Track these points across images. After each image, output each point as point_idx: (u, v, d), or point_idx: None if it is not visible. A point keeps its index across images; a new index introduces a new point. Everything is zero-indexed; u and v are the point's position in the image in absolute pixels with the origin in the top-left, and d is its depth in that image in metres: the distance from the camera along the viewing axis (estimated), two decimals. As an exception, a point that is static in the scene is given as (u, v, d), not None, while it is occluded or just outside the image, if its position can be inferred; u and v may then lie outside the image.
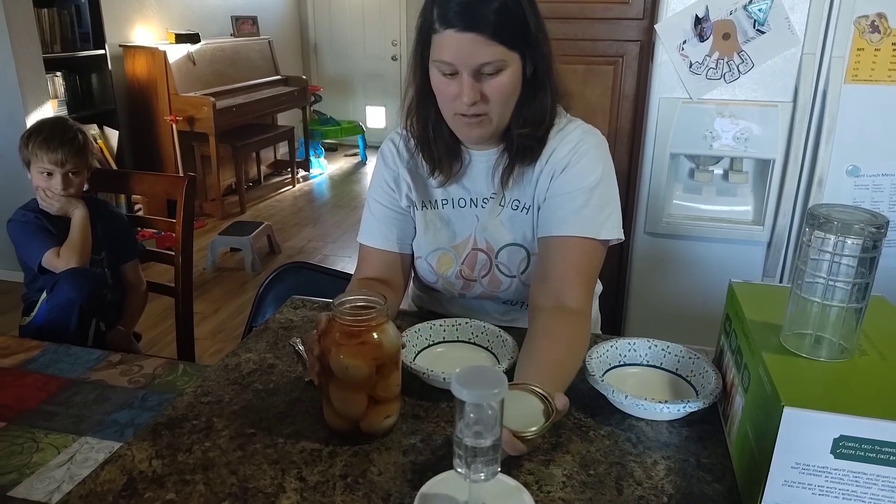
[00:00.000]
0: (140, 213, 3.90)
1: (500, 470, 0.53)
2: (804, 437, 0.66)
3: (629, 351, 1.01)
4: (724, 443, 0.86)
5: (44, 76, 3.39)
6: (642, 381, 0.98)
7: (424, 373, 0.92)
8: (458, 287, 1.18)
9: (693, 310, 2.06)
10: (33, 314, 1.73)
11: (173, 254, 1.85)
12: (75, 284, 1.62)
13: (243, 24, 5.40)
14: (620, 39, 2.13)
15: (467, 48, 0.95)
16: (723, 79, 1.90)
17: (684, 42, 1.89)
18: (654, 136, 1.98)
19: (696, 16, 1.86)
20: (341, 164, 6.31)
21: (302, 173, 5.68)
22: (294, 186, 5.42)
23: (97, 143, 3.75)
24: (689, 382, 0.97)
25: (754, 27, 1.85)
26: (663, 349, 1.01)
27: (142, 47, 4.30)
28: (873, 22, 1.78)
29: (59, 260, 1.67)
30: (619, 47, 2.14)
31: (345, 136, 6.26)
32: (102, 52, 3.93)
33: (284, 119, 5.67)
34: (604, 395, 0.91)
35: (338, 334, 0.79)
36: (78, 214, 1.73)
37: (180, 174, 3.14)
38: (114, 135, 3.96)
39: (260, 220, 4.21)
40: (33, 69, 3.30)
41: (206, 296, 3.36)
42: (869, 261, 0.73)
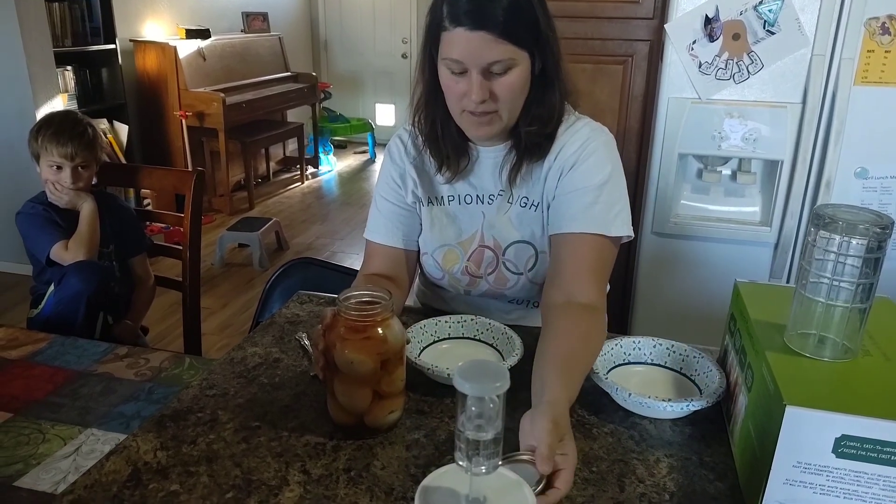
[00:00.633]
0: (149, 208, 3.93)
1: (500, 463, 0.54)
2: (806, 436, 0.66)
3: (634, 349, 1.02)
4: (727, 442, 0.86)
5: (54, 70, 3.42)
6: (646, 380, 0.98)
7: (429, 368, 0.92)
8: (463, 283, 1.18)
9: (699, 310, 2.06)
10: (41, 306, 1.75)
11: (181, 248, 1.86)
12: (83, 277, 1.64)
13: (254, 20, 5.42)
14: (630, 39, 2.12)
15: (476, 46, 0.95)
16: (732, 79, 1.89)
17: (694, 42, 1.88)
18: (662, 136, 1.97)
19: (706, 16, 1.85)
20: (350, 161, 6.32)
21: (311, 170, 5.70)
22: (303, 183, 5.44)
23: (107, 137, 3.78)
24: (693, 381, 0.97)
25: (764, 28, 1.84)
26: (668, 348, 1.01)
27: (152, 42, 4.33)
28: (884, 24, 1.77)
29: (67, 253, 1.69)
30: (628, 47, 2.13)
31: (354, 133, 6.27)
32: (113, 46, 3.95)
33: (294, 116, 5.69)
34: (607, 392, 0.92)
35: (343, 329, 0.80)
36: (86, 208, 1.74)
37: (189, 169, 3.16)
38: (123, 129, 3.99)
39: (268, 216, 4.22)
40: (44, 63, 3.32)
41: (214, 291, 3.38)
42: (874, 261, 0.73)
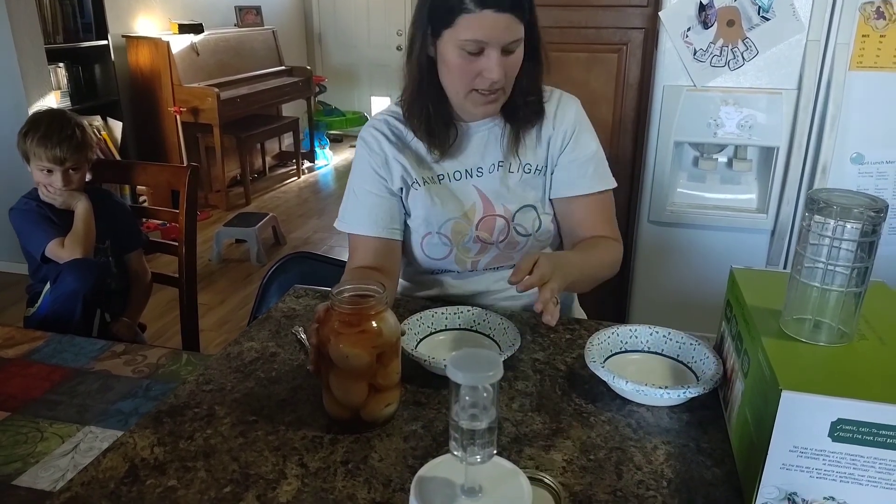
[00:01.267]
0: (145, 205, 3.91)
1: (496, 452, 0.54)
2: (802, 420, 0.66)
3: (630, 338, 1.02)
4: (724, 428, 0.86)
5: (46, 67, 3.40)
6: (643, 368, 0.98)
7: (426, 360, 0.92)
8: (473, 253, 1.21)
9: (697, 297, 2.06)
10: (37, 305, 1.74)
11: (177, 244, 1.85)
12: (79, 275, 1.63)
13: (247, 15, 5.39)
14: (624, 27, 2.11)
15: (503, 27, 1.01)
16: (727, 66, 1.88)
17: (688, 29, 1.87)
18: (658, 124, 1.97)
19: (701, 3, 1.84)
20: (346, 154, 6.30)
21: (307, 164, 5.68)
22: (299, 177, 5.42)
23: (101, 134, 3.76)
24: (689, 369, 0.97)
25: (759, 14, 1.83)
26: (664, 336, 1.01)
27: (145, 38, 4.30)
28: (879, 8, 1.76)
29: (63, 250, 1.68)
30: (622, 35, 2.12)
31: (350, 126, 6.25)
32: (105, 42, 3.93)
33: (289, 110, 5.67)
34: (605, 381, 0.92)
35: (337, 323, 0.80)
36: (81, 207, 1.74)
37: (184, 165, 3.15)
38: (117, 126, 3.97)
39: (265, 211, 4.21)
40: (35, 60, 3.30)
41: (212, 287, 3.37)
42: (868, 245, 0.73)
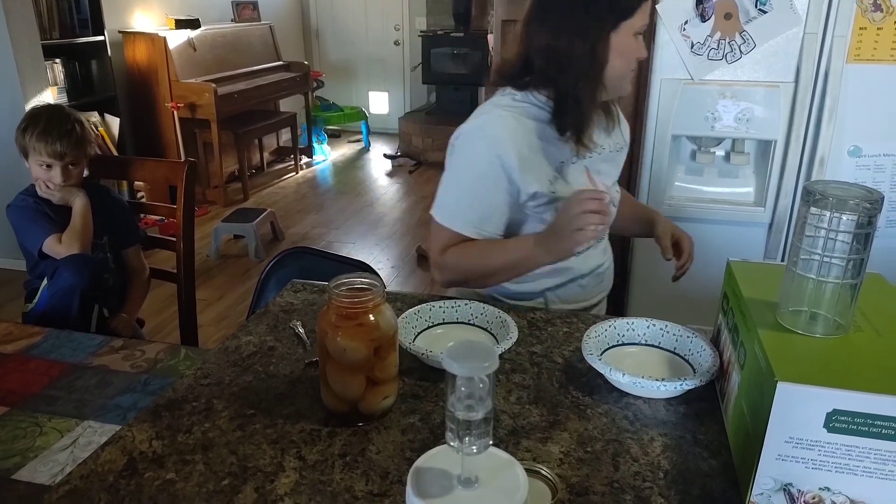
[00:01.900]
0: (143, 201, 3.91)
1: (491, 443, 0.54)
2: (797, 411, 0.66)
3: (627, 330, 1.02)
4: (720, 420, 0.86)
5: (43, 63, 3.39)
6: (640, 361, 0.98)
7: (423, 353, 0.92)
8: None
9: (695, 291, 2.06)
10: (35, 301, 1.74)
11: (175, 240, 1.85)
12: (75, 270, 1.63)
13: (244, 10, 5.37)
14: (621, 20, 2.11)
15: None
16: (724, 59, 1.88)
17: (686, 22, 1.87)
18: (655, 117, 1.97)
19: (698, -5, 1.84)
20: (344, 150, 6.30)
21: (305, 160, 5.67)
22: (297, 173, 5.42)
23: (98, 130, 3.76)
24: (687, 361, 0.97)
25: (756, 7, 1.83)
26: (661, 328, 1.01)
27: (141, 33, 4.29)
28: (876, 1, 1.76)
29: (60, 246, 1.68)
30: (619, 28, 2.12)
31: (347, 122, 6.24)
32: (102, 38, 3.92)
33: (287, 105, 5.66)
34: (602, 373, 0.92)
35: (335, 317, 0.80)
36: (78, 203, 1.73)
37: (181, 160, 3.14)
38: (115, 122, 3.96)
39: (263, 206, 4.21)
40: (32, 56, 3.29)
41: (210, 283, 3.37)
42: (864, 236, 0.73)
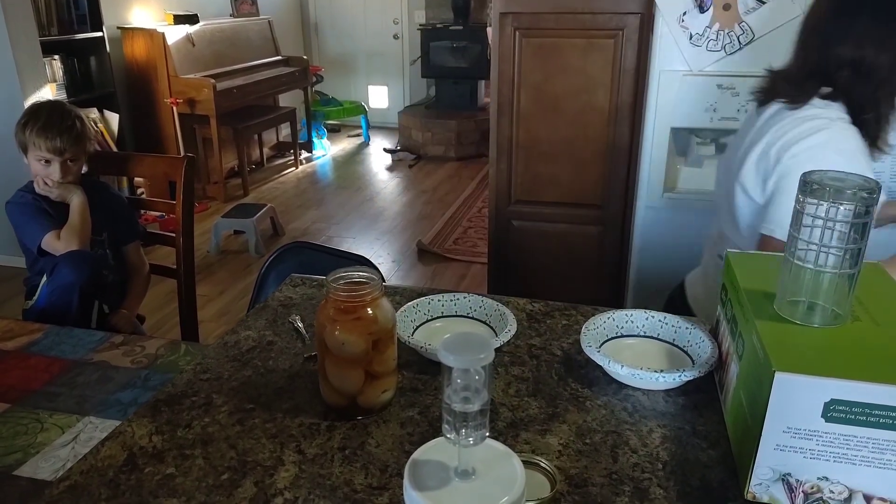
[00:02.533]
0: (143, 196, 3.91)
1: (488, 435, 0.54)
2: (795, 401, 0.66)
3: (626, 322, 1.02)
4: (719, 411, 0.86)
5: (41, 59, 3.39)
6: (639, 352, 0.98)
7: (422, 346, 0.92)
8: None
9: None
10: (35, 298, 1.75)
11: (175, 235, 1.85)
12: (74, 266, 1.63)
13: (242, 5, 5.36)
14: (620, 12, 2.10)
15: None
16: (723, 50, 1.88)
17: (684, 14, 1.86)
18: (655, 109, 1.96)
19: (696, -14, 1.83)
20: (344, 144, 6.30)
21: (305, 155, 5.67)
22: (297, 168, 5.42)
23: (97, 126, 3.75)
24: (685, 352, 0.97)
25: (755, -3, 1.82)
26: (660, 320, 1.01)
27: (140, 29, 4.28)
28: (877, -11, 1.75)
29: (59, 242, 1.68)
30: (619, 20, 2.11)
31: (347, 116, 6.24)
32: (100, 34, 3.91)
33: (286, 100, 5.66)
34: (601, 365, 0.92)
35: (333, 310, 0.80)
36: (76, 201, 1.74)
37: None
38: (114, 118, 3.96)
39: (263, 202, 4.21)
40: (30, 52, 3.29)
41: (211, 278, 3.38)
42: (861, 226, 0.73)
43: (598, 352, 0.91)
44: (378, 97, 6.90)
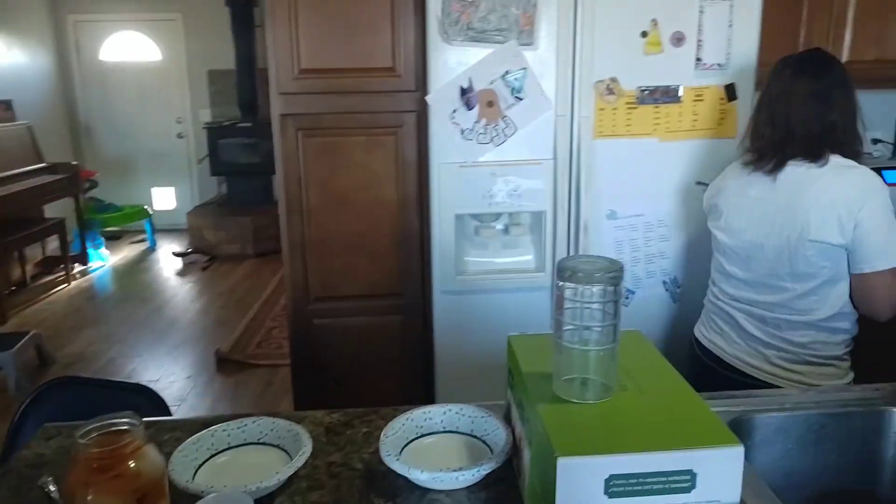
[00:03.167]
0: None
1: None
2: (579, 482, 0.68)
3: (425, 420, 1.00)
4: (520, 499, 0.87)
5: None
6: (441, 450, 0.97)
7: (202, 492, 0.82)
8: None
9: (497, 363, 2.13)
10: None
11: None
12: None
13: (-8, 110, 4.82)
14: (398, 111, 2.21)
15: None
16: (492, 142, 2.04)
17: (454, 111, 2.01)
18: (438, 199, 2.06)
19: (462, 87, 1.99)
20: (126, 252, 5.79)
21: (79, 268, 5.10)
22: (69, 284, 4.84)
23: None
24: (484, 442, 0.97)
25: (513, 95, 2.02)
26: (457, 412, 1.01)
27: None
28: (608, 85, 2.04)
29: None
30: (397, 118, 2.22)
31: (128, 222, 5.78)
32: None
33: (54, 210, 5.09)
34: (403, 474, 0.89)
35: (85, 472, 0.68)
36: None
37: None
38: None
39: (26, 328, 3.66)
40: None
41: (-40, 427, 2.81)
42: (613, 304, 0.80)
43: (398, 459, 0.88)
44: (164, 199, 6.51)
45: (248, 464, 0.94)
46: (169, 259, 5.54)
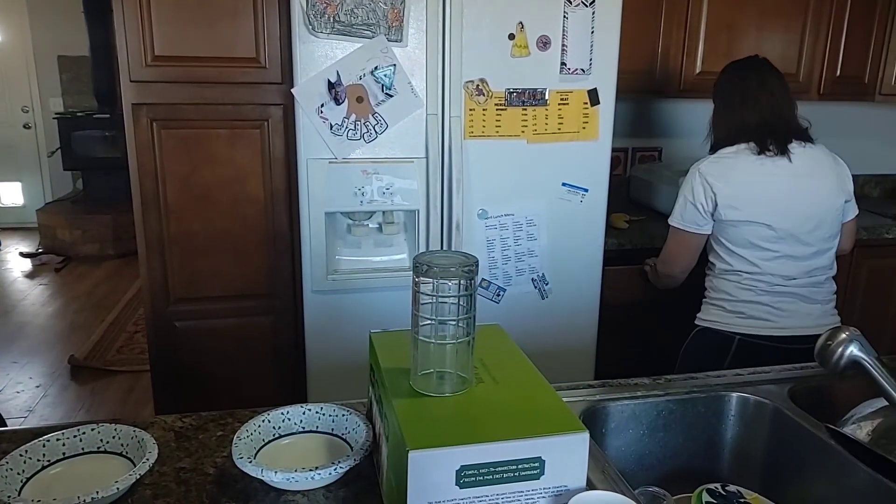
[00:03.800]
0: None
1: None
2: (430, 475, 0.68)
3: (283, 421, 0.97)
4: (380, 496, 0.86)
5: None
6: (300, 451, 0.94)
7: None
8: None
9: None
10: None
11: None
12: None
13: None
14: (263, 103, 2.13)
15: None
16: (363, 139, 2.02)
17: (322, 105, 1.97)
18: (307, 196, 2.01)
19: (329, 80, 1.95)
20: (-35, 255, 5.19)
21: None
22: None
23: None
24: (345, 441, 0.96)
25: (383, 91, 2.01)
26: (317, 412, 0.99)
27: None
28: (478, 86, 2.08)
29: None
30: (262, 111, 2.14)
31: (-33, 221, 5.19)
32: None
33: None
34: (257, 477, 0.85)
35: None
36: None
37: None
38: None
39: None
40: None
41: None
42: (469, 297, 0.81)
43: (252, 462, 0.85)
44: (10, 194, 5.91)
45: (86, 474, 0.87)
46: (17, 260, 5.03)
